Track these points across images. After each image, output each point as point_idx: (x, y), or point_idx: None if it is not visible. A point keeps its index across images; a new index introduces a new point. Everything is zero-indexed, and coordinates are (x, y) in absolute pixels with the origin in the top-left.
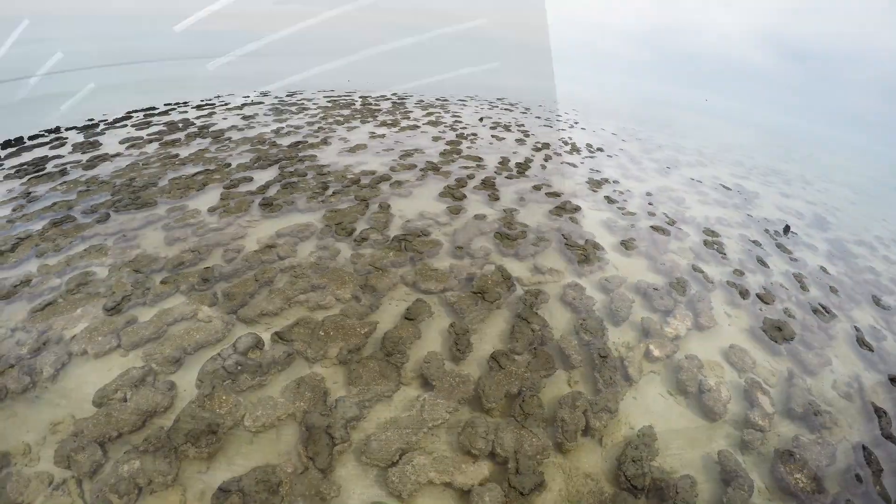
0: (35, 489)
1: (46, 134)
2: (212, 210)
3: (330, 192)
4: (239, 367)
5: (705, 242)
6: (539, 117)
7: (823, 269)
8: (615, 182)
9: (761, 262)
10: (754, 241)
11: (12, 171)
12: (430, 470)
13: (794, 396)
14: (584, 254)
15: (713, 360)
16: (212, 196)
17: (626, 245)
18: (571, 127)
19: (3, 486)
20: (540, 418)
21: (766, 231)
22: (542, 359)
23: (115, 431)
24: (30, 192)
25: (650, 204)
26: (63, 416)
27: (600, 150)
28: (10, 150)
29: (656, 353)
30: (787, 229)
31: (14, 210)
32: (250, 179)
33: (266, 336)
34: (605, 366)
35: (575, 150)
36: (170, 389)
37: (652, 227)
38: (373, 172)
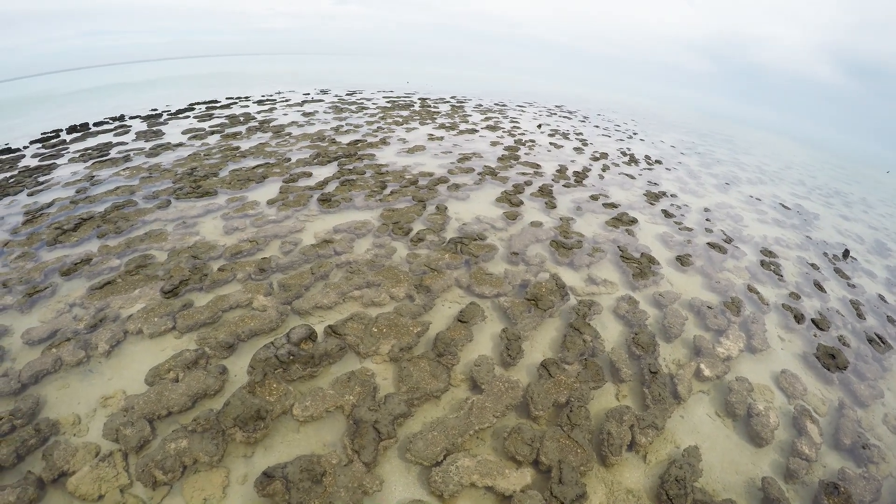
0: (81, 459)
1: (111, 121)
2: (271, 202)
3: (388, 191)
4: (291, 357)
5: (762, 263)
6: (597, 126)
7: (882, 298)
8: (673, 196)
9: (818, 286)
10: (812, 265)
11: (77, 155)
12: (474, 473)
13: (842, 427)
14: (640, 267)
15: (763, 384)
16: (271, 189)
17: (682, 261)
18: (630, 138)
19: (50, 453)
20: (586, 430)
21: (825, 254)
22: (591, 370)
23: (164, 410)
24: (93, 176)
25: (707, 220)
26: (114, 391)
27: (658, 162)
28: (75, 134)
29: (707, 372)
30: (846, 254)
31: (78, 192)
32: (309, 175)
33: (319, 328)
34: (655, 382)
35: (633, 161)
36: (221, 373)
37: (709, 243)
38: (431, 174)
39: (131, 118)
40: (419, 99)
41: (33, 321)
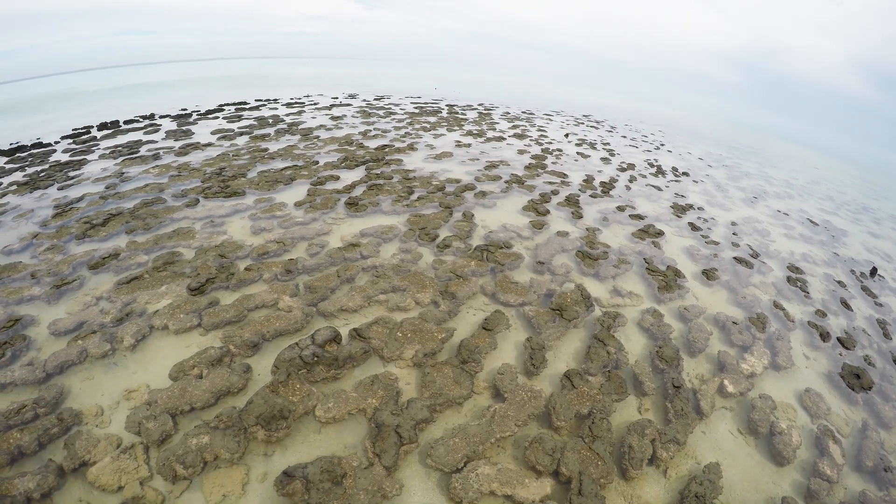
0: (103, 449)
1: (141, 119)
2: (298, 204)
3: (415, 196)
4: (315, 358)
5: (789, 279)
6: (625, 136)
7: None
8: (700, 209)
9: (845, 304)
10: (839, 282)
11: (107, 152)
12: (494, 480)
13: (865, 449)
14: (665, 280)
15: (787, 403)
16: (299, 191)
17: (708, 275)
18: (657, 148)
19: (72, 442)
20: (607, 442)
21: (853, 272)
22: (614, 382)
23: (187, 405)
24: (123, 173)
25: (734, 234)
26: (138, 384)
27: (686, 174)
28: (106, 131)
29: (730, 388)
30: (874, 272)
31: (107, 188)
32: (337, 178)
33: (344, 331)
34: (678, 396)
35: (660, 172)
36: (245, 372)
37: (735, 258)
38: (458, 181)
39: (161, 117)
40: (447, 105)
41: (60, 313)
